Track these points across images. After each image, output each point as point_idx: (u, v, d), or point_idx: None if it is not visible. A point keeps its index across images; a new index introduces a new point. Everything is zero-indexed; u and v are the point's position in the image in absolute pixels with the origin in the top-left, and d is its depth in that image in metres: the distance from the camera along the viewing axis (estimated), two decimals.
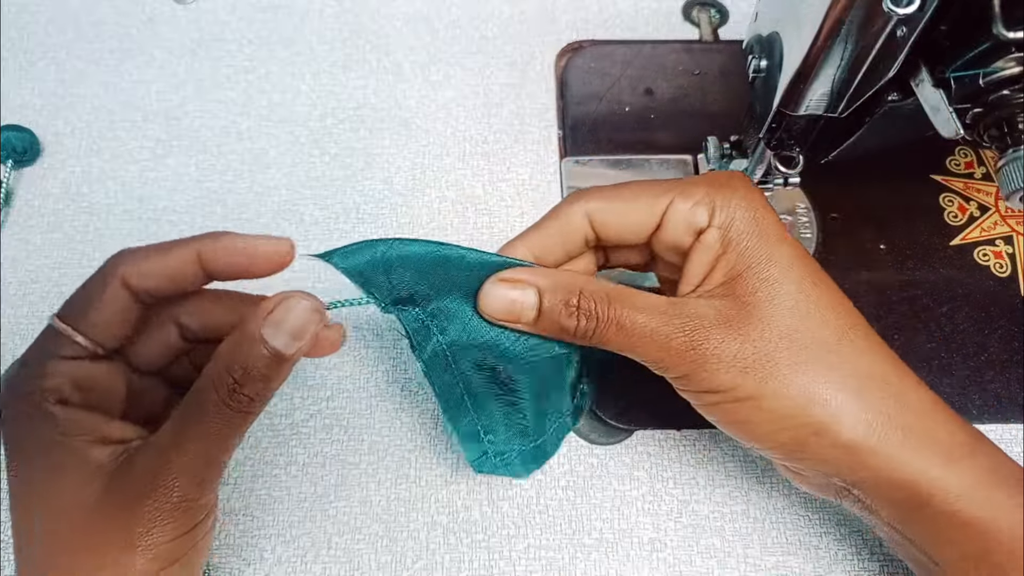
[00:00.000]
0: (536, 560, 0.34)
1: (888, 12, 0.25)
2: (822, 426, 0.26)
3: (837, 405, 0.26)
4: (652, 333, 0.27)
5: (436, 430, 0.37)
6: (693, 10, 0.50)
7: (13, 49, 0.47)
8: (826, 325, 0.27)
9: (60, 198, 0.42)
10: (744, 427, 0.28)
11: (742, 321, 0.27)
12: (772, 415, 0.26)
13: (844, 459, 0.26)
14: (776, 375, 0.26)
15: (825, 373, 0.26)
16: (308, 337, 0.26)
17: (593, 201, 0.29)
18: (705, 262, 0.28)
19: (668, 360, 0.27)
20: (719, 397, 0.27)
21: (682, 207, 0.28)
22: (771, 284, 0.27)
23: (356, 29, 0.48)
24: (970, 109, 0.29)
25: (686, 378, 0.27)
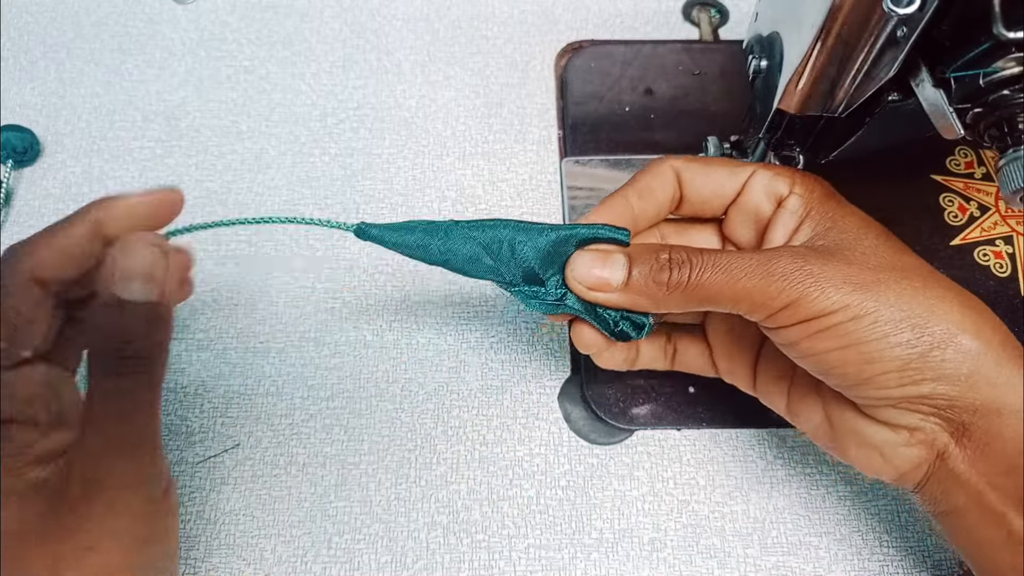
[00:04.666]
0: (536, 560, 0.34)
1: (888, 12, 0.25)
2: (945, 335, 0.25)
3: (956, 315, 0.26)
4: (753, 262, 0.26)
5: (436, 430, 0.37)
6: (693, 10, 0.50)
7: (13, 49, 0.47)
8: (917, 261, 0.28)
9: (60, 198, 0.42)
10: (861, 349, 0.26)
11: (842, 255, 0.27)
12: (891, 328, 0.25)
13: (968, 373, 0.25)
14: (891, 289, 0.26)
15: (935, 289, 0.26)
16: (162, 272, 0.24)
17: (680, 160, 0.30)
18: (790, 225, 0.29)
19: (775, 287, 0.26)
20: (833, 318, 0.25)
21: (764, 175, 0.30)
22: (856, 232, 0.28)
23: (356, 29, 0.48)
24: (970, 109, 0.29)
25: (795, 305, 0.26)
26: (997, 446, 0.26)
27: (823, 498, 0.36)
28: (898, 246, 0.28)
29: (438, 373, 0.38)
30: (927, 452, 0.27)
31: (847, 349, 0.26)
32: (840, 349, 0.26)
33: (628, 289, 0.28)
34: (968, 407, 0.26)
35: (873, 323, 0.25)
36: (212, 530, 0.35)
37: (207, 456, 0.36)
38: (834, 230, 0.28)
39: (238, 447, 0.36)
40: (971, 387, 0.25)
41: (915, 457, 0.27)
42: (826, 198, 0.29)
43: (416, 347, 0.39)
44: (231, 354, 0.38)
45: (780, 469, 0.36)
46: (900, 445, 0.27)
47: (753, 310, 0.27)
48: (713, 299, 0.27)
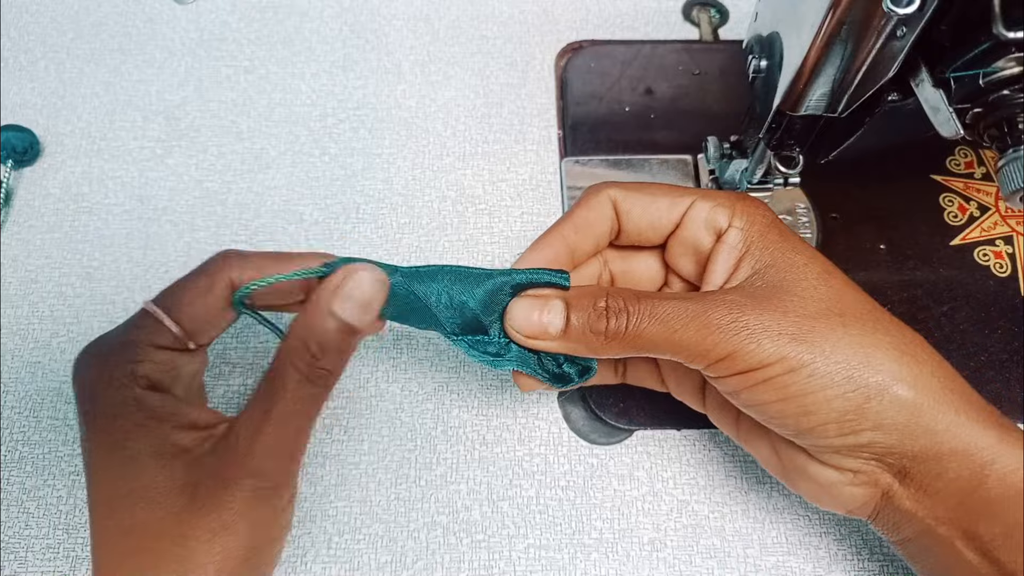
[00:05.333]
0: (536, 560, 0.34)
1: (888, 12, 0.25)
2: (881, 387, 0.25)
3: (893, 366, 0.25)
4: (689, 313, 0.26)
5: (436, 430, 0.37)
6: (693, 10, 0.50)
7: (13, 49, 0.47)
8: (860, 299, 0.27)
9: (60, 198, 0.42)
10: (799, 401, 0.26)
11: (780, 299, 0.26)
12: (827, 381, 0.25)
13: (906, 422, 0.25)
14: (826, 339, 0.25)
15: (873, 336, 0.26)
16: (376, 308, 0.27)
17: (617, 189, 0.30)
18: (729, 262, 0.28)
19: (711, 338, 0.26)
20: (770, 371, 0.26)
21: (703, 206, 0.29)
22: (798, 269, 0.27)
23: (356, 29, 0.48)
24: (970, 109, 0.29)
25: (732, 357, 0.26)
26: (940, 486, 0.26)
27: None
28: (839, 283, 0.28)
29: (438, 373, 0.38)
30: (872, 490, 0.27)
31: (786, 401, 0.26)
32: (779, 401, 0.26)
33: (566, 337, 0.28)
34: (907, 454, 0.26)
35: (809, 376, 0.25)
36: None
37: None
38: (774, 268, 0.28)
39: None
40: (909, 435, 0.26)
41: (861, 495, 0.28)
42: (767, 229, 0.28)
43: (416, 347, 0.39)
44: (231, 354, 0.38)
45: None
46: (846, 484, 0.28)
47: (691, 360, 0.27)
48: (651, 348, 0.27)
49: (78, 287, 0.40)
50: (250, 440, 0.25)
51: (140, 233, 0.41)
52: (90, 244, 0.41)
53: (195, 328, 0.27)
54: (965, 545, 0.26)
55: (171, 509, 0.25)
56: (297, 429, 0.26)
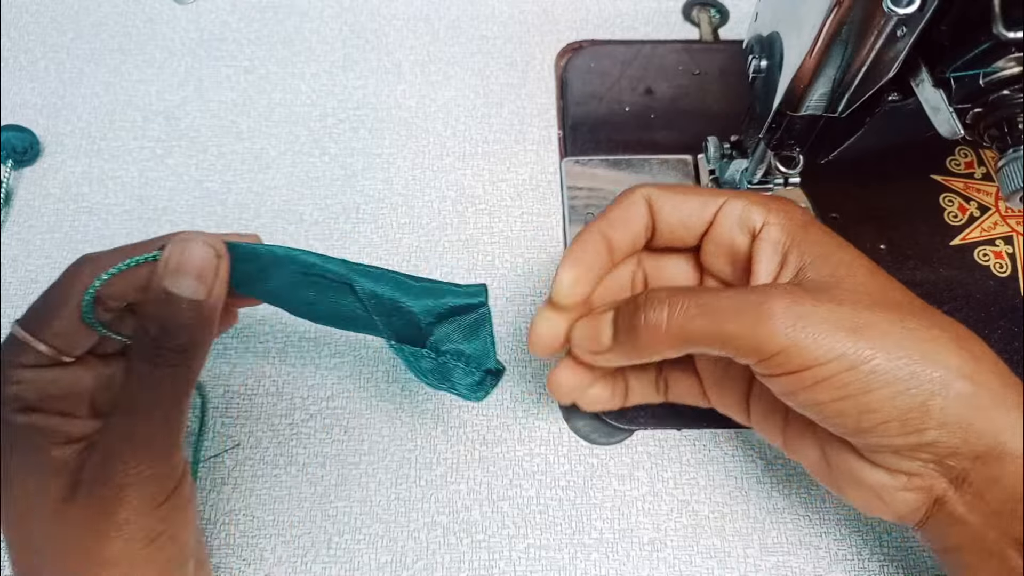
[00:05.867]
0: (536, 560, 0.34)
1: (888, 12, 0.25)
2: (944, 382, 0.24)
3: (954, 359, 0.25)
4: (740, 303, 0.25)
5: (436, 430, 0.37)
6: (693, 10, 0.50)
7: (13, 49, 0.47)
8: (909, 295, 0.27)
9: (60, 198, 0.42)
10: (859, 400, 0.25)
11: (833, 291, 0.25)
12: (889, 378, 0.24)
13: (970, 421, 0.24)
14: (886, 334, 0.24)
15: (930, 330, 0.25)
16: (213, 276, 0.26)
17: (650, 188, 0.29)
18: (775, 259, 0.27)
19: (764, 331, 0.24)
20: (828, 368, 0.24)
21: (736, 205, 0.28)
22: (848, 264, 0.26)
23: (356, 29, 0.48)
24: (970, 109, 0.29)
25: (786, 352, 0.24)
26: (996, 490, 0.25)
27: (823, 498, 0.36)
28: (887, 280, 0.27)
29: None
30: (925, 496, 0.26)
31: (845, 400, 0.25)
32: (839, 400, 0.25)
33: (616, 342, 0.27)
34: (970, 454, 0.25)
35: (871, 372, 0.24)
36: (212, 530, 0.35)
37: (207, 456, 0.36)
38: (822, 261, 0.27)
39: (238, 447, 0.36)
40: (973, 434, 0.25)
41: (913, 501, 0.27)
42: (808, 225, 0.28)
43: None
44: (231, 354, 0.38)
45: (780, 469, 0.36)
46: (898, 489, 0.27)
47: (742, 355, 0.26)
48: (699, 342, 0.26)
49: None
50: (113, 438, 0.25)
51: (140, 233, 0.41)
52: (90, 244, 0.41)
53: (62, 342, 0.26)
54: (1017, 552, 0.25)
55: (53, 522, 0.25)
56: (162, 416, 0.26)
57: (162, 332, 0.25)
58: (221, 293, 0.26)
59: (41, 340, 0.26)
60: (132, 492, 0.25)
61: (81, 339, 0.26)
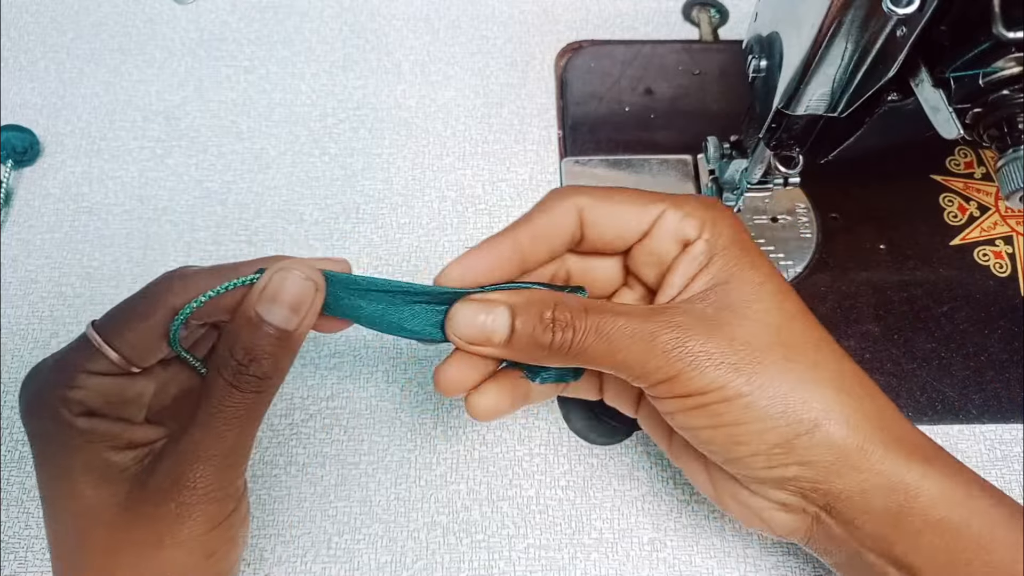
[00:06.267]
0: (536, 560, 0.34)
1: (888, 12, 0.25)
2: (813, 424, 0.25)
3: (827, 403, 0.26)
4: (634, 334, 0.26)
5: (436, 430, 0.37)
6: (693, 10, 0.50)
7: (13, 49, 0.47)
8: (807, 329, 0.27)
9: (60, 198, 0.42)
10: (731, 431, 0.26)
11: (728, 322, 0.26)
12: (761, 413, 0.26)
13: (832, 461, 0.26)
14: (766, 371, 0.26)
15: (813, 371, 0.26)
16: (308, 308, 0.26)
17: (584, 196, 0.28)
18: (689, 272, 0.28)
19: (653, 362, 0.26)
20: (707, 398, 0.26)
21: (673, 217, 0.28)
22: (755, 288, 0.27)
23: (356, 29, 0.48)
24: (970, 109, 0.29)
25: (672, 381, 0.26)
26: (865, 518, 0.26)
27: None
28: (791, 308, 0.27)
29: None
30: (802, 519, 0.28)
31: (717, 429, 0.26)
32: (711, 427, 0.26)
33: (510, 346, 0.27)
34: (830, 491, 0.26)
35: (744, 407, 0.25)
36: None
37: None
38: (729, 286, 0.27)
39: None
40: (834, 473, 0.26)
41: (791, 521, 0.28)
42: (730, 243, 0.28)
43: (416, 347, 0.39)
44: None
45: None
46: (775, 511, 0.28)
47: (632, 379, 0.27)
48: (594, 364, 0.27)
49: (78, 287, 0.40)
50: (182, 453, 0.25)
51: (140, 233, 0.41)
52: (90, 244, 0.41)
53: (135, 354, 0.26)
54: (897, 571, 0.26)
55: (110, 527, 0.25)
56: (231, 438, 0.26)
57: (248, 357, 0.25)
58: (311, 324, 0.26)
59: (115, 349, 0.26)
60: (199, 509, 0.25)
61: (156, 353, 0.27)
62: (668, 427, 0.30)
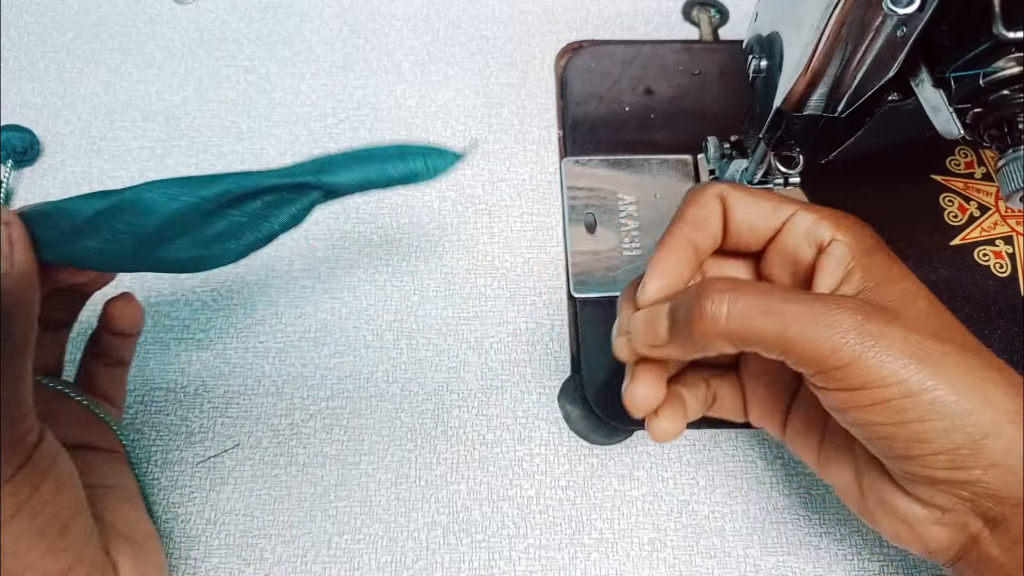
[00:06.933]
0: (536, 560, 0.34)
1: (888, 12, 0.25)
2: (998, 424, 0.24)
3: (1009, 402, 0.24)
4: (810, 311, 0.24)
5: (436, 430, 0.37)
6: (693, 10, 0.50)
7: (13, 49, 0.47)
8: (963, 334, 0.26)
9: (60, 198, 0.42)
10: (913, 428, 0.24)
11: (897, 316, 0.25)
12: (947, 411, 0.24)
13: (1016, 466, 0.24)
14: (949, 367, 0.24)
15: (986, 369, 0.25)
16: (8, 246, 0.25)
17: (723, 186, 0.29)
18: (836, 275, 0.27)
19: (829, 343, 0.24)
20: (889, 391, 0.24)
21: (806, 217, 0.28)
22: (909, 294, 0.26)
23: (356, 29, 0.48)
24: (970, 109, 0.29)
25: (847, 369, 0.24)
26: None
27: (823, 498, 0.36)
28: (946, 315, 0.26)
29: (438, 373, 0.38)
30: (958, 534, 0.26)
31: (899, 426, 0.24)
32: (892, 424, 0.24)
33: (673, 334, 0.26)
34: (1011, 500, 0.24)
35: (930, 403, 0.24)
36: (212, 530, 0.35)
37: (207, 456, 0.36)
38: (884, 287, 0.26)
39: (238, 447, 0.36)
40: (1018, 480, 0.24)
41: (945, 538, 0.26)
42: (874, 250, 0.27)
43: (416, 347, 0.39)
44: (231, 354, 0.38)
45: (780, 469, 0.36)
46: (931, 523, 0.26)
47: (801, 363, 0.25)
48: (756, 342, 0.25)
49: None
50: None
51: None
52: None
53: None
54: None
55: None
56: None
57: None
58: (23, 261, 0.25)
59: None
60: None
61: None
62: (817, 438, 0.29)
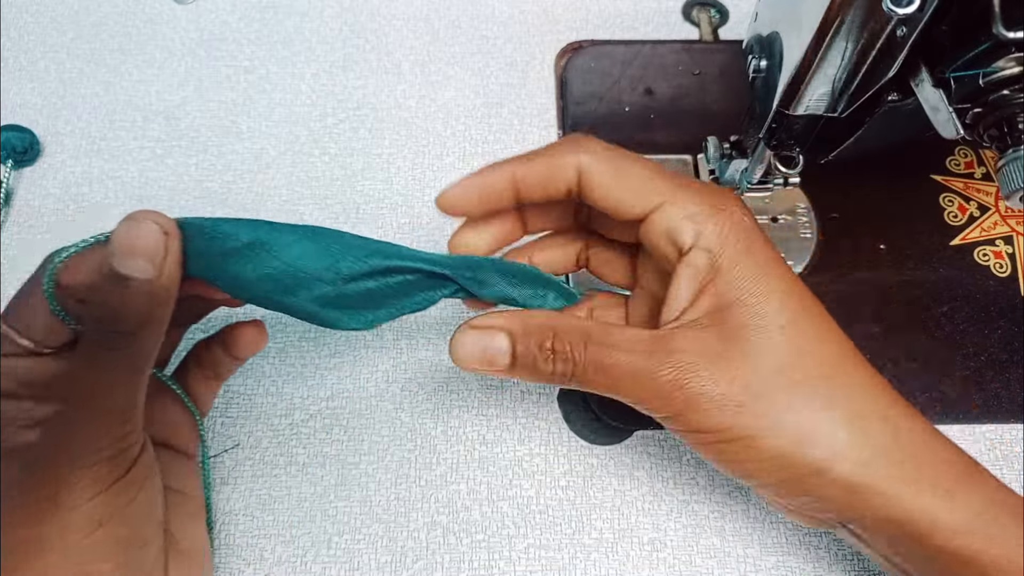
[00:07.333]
0: (536, 560, 0.34)
1: (888, 12, 0.25)
2: (822, 465, 0.25)
3: (836, 443, 0.25)
4: (635, 373, 0.25)
5: (436, 430, 0.37)
6: (693, 10, 0.50)
7: (13, 49, 0.47)
8: (821, 360, 0.26)
9: (60, 198, 0.42)
10: (738, 467, 0.26)
11: (733, 357, 0.25)
12: (768, 455, 0.25)
13: (843, 498, 0.25)
14: (771, 414, 0.25)
15: (822, 411, 0.25)
16: (163, 255, 0.25)
17: (588, 157, 0.27)
18: (692, 287, 0.27)
19: (654, 401, 0.26)
20: (711, 437, 0.26)
21: (672, 214, 0.27)
22: (764, 318, 0.26)
23: (356, 29, 0.48)
24: (970, 109, 0.29)
25: (674, 419, 0.26)
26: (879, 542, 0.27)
27: None
28: (809, 330, 0.26)
29: (438, 373, 0.38)
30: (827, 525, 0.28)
31: (729, 464, 0.26)
32: (722, 462, 0.27)
33: (514, 372, 0.27)
34: (846, 518, 0.26)
35: (747, 447, 0.25)
36: (212, 530, 0.35)
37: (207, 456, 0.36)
38: (739, 307, 0.26)
39: (238, 447, 0.36)
40: (846, 506, 0.26)
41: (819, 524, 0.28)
42: (743, 254, 0.26)
43: (416, 347, 0.39)
44: None
45: None
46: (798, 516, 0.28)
47: (643, 410, 0.27)
48: (599, 392, 0.27)
49: None
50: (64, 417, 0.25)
51: None
52: None
53: (39, 334, 0.25)
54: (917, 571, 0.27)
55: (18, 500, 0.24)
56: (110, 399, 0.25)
57: (109, 314, 0.24)
58: (172, 273, 0.26)
59: (15, 331, 0.25)
60: (76, 475, 0.24)
61: (56, 330, 0.26)
62: None
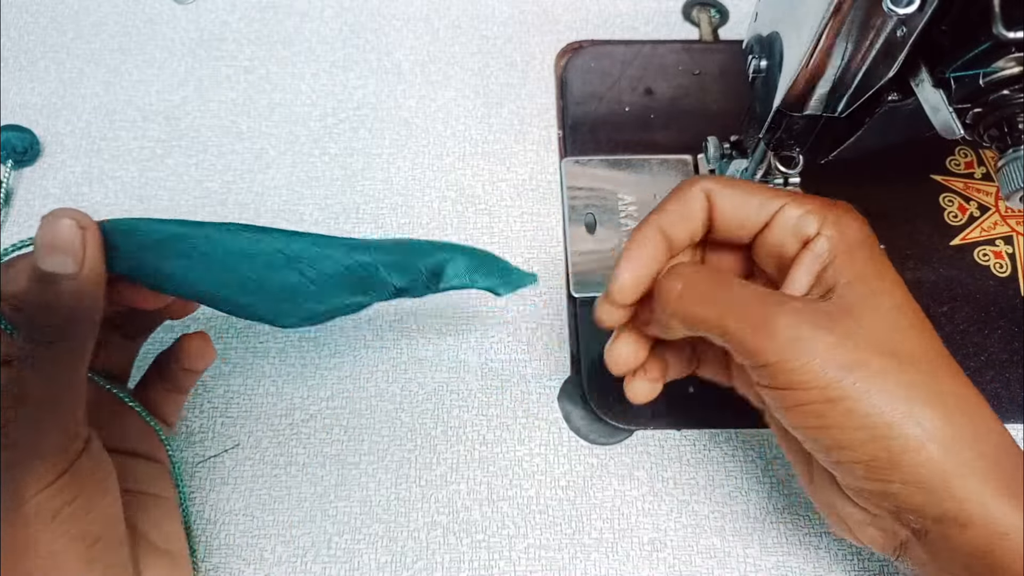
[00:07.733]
0: (536, 560, 0.34)
1: (888, 12, 0.25)
2: (918, 443, 0.24)
3: (935, 421, 0.24)
4: (750, 304, 0.25)
5: (436, 430, 0.37)
6: (693, 10, 0.50)
7: (13, 49, 0.47)
8: (921, 344, 0.26)
9: (60, 198, 0.42)
10: (833, 433, 0.25)
11: (843, 321, 0.25)
12: (866, 422, 0.24)
13: (934, 484, 0.24)
14: (875, 380, 0.24)
15: (923, 387, 0.25)
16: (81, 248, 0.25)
17: (711, 182, 0.29)
18: (812, 270, 0.27)
19: (762, 339, 0.25)
20: (810, 395, 0.25)
21: (793, 211, 0.28)
22: (876, 296, 0.26)
23: (356, 29, 0.48)
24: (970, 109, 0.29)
25: (775, 367, 0.25)
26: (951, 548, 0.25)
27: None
28: (910, 319, 0.26)
29: (438, 373, 0.38)
30: (891, 539, 0.27)
31: (820, 430, 0.25)
32: (814, 428, 0.25)
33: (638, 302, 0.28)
34: (929, 515, 0.25)
35: (847, 411, 0.24)
36: (212, 530, 0.35)
37: (207, 456, 0.36)
38: (852, 287, 0.26)
39: (238, 447, 0.36)
40: (936, 497, 0.25)
41: (879, 538, 0.27)
42: (857, 246, 0.27)
43: (416, 347, 0.39)
44: (231, 354, 0.38)
45: (780, 469, 0.36)
46: (866, 524, 0.27)
47: (738, 354, 0.26)
48: (701, 326, 0.26)
49: None
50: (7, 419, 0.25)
51: None
52: None
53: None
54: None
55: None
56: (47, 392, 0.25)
57: (36, 311, 0.25)
58: (95, 266, 0.26)
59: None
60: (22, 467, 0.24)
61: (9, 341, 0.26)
62: None
